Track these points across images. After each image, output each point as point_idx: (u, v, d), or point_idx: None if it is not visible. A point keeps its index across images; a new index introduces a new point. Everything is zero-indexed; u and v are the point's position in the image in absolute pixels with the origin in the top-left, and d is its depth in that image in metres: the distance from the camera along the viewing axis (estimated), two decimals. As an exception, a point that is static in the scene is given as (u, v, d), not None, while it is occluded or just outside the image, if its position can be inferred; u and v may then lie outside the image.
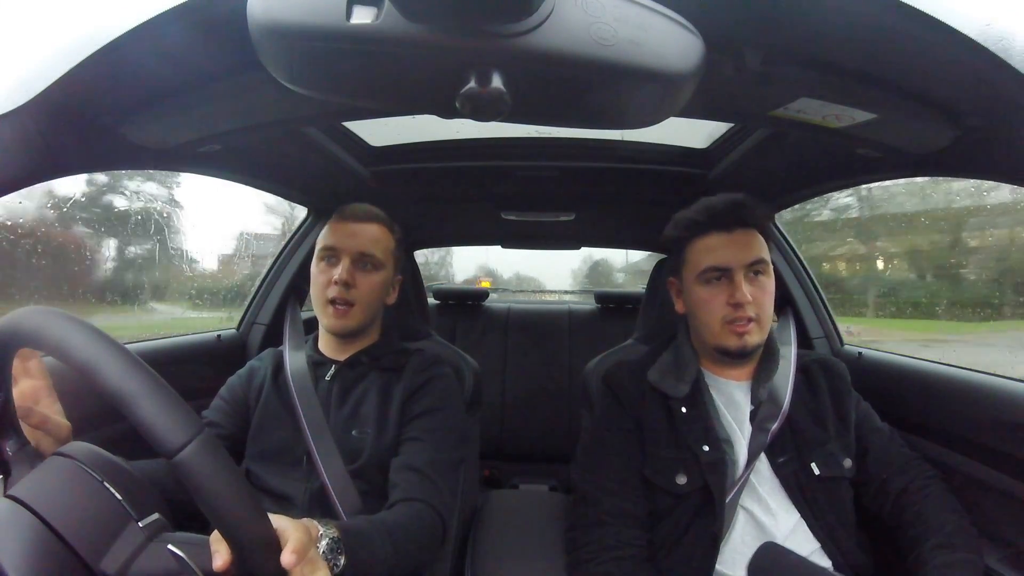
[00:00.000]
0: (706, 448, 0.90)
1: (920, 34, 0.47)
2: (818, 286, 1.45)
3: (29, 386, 0.60)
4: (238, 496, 0.43)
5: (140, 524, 0.49)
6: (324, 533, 0.61)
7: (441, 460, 0.92)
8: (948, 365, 1.09)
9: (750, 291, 0.89)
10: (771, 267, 0.94)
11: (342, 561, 0.61)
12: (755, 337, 0.91)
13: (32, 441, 0.58)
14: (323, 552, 0.59)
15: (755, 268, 0.92)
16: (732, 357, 0.94)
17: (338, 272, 0.96)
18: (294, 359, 1.03)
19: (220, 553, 0.45)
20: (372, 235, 1.00)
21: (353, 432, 0.95)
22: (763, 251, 0.93)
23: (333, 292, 0.96)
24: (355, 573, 0.63)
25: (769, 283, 0.93)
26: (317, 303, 1.00)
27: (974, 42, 0.45)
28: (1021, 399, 0.89)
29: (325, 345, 1.06)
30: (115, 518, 0.49)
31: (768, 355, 0.98)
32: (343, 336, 1.02)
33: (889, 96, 0.61)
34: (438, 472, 0.90)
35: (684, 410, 0.94)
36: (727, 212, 0.93)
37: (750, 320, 0.90)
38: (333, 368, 1.02)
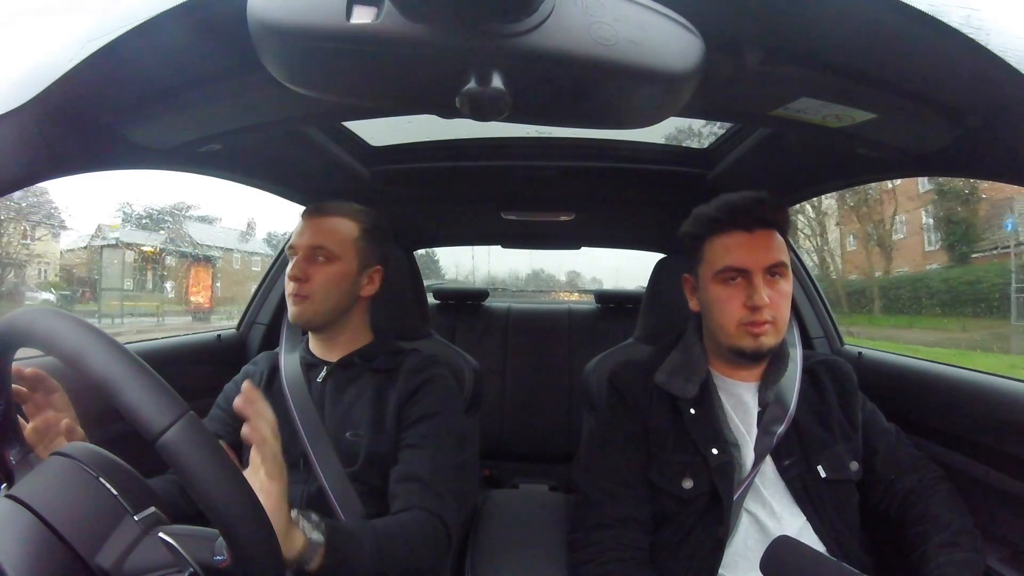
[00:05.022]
0: (715, 451, 0.89)
1: (920, 34, 0.47)
2: (818, 286, 1.45)
3: (61, 399, 0.65)
4: (223, 475, 0.43)
5: (136, 518, 0.49)
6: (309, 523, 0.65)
7: (442, 466, 0.90)
8: (948, 365, 1.09)
9: (768, 294, 0.87)
10: (789, 270, 0.91)
11: (318, 531, 0.65)
12: (771, 339, 0.89)
13: (37, 446, 0.59)
14: (301, 525, 0.64)
15: (773, 271, 0.89)
16: (746, 358, 0.92)
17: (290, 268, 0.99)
18: (289, 361, 1.03)
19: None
20: (325, 227, 0.99)
21: (347, 434, 0.95)
22: (782, 253, 0.90)
23: (289, 288, 0.98)
24: (335, 566, 0.65)
25: (787, 286, 0.90)
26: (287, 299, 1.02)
27: (974, 42, 0.45)
28: (1021, 399, 0.89)
29: (315, 346, 1.06)
30: (110, 512, 0.49)
31: (778, 357, 0.97)
32: (308, 329, 1.04)
33: (889, 96, 0.61)
34: (440, 479, 0.88)
35: (693, 411, 0.93)
36: (748, 211, 0.90)
37: (766, 323, 0.88)
38: (325, 369, 1.01)
